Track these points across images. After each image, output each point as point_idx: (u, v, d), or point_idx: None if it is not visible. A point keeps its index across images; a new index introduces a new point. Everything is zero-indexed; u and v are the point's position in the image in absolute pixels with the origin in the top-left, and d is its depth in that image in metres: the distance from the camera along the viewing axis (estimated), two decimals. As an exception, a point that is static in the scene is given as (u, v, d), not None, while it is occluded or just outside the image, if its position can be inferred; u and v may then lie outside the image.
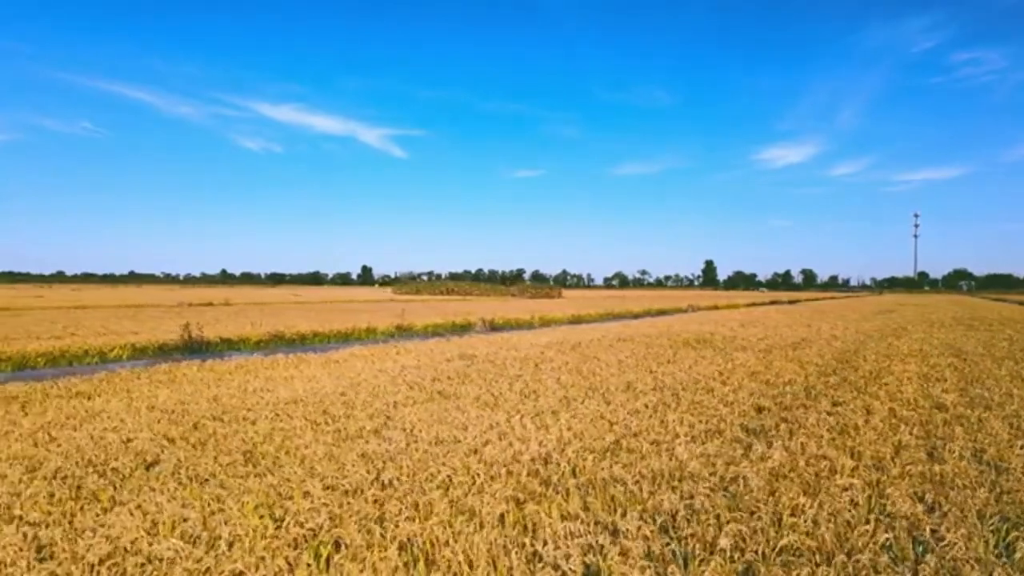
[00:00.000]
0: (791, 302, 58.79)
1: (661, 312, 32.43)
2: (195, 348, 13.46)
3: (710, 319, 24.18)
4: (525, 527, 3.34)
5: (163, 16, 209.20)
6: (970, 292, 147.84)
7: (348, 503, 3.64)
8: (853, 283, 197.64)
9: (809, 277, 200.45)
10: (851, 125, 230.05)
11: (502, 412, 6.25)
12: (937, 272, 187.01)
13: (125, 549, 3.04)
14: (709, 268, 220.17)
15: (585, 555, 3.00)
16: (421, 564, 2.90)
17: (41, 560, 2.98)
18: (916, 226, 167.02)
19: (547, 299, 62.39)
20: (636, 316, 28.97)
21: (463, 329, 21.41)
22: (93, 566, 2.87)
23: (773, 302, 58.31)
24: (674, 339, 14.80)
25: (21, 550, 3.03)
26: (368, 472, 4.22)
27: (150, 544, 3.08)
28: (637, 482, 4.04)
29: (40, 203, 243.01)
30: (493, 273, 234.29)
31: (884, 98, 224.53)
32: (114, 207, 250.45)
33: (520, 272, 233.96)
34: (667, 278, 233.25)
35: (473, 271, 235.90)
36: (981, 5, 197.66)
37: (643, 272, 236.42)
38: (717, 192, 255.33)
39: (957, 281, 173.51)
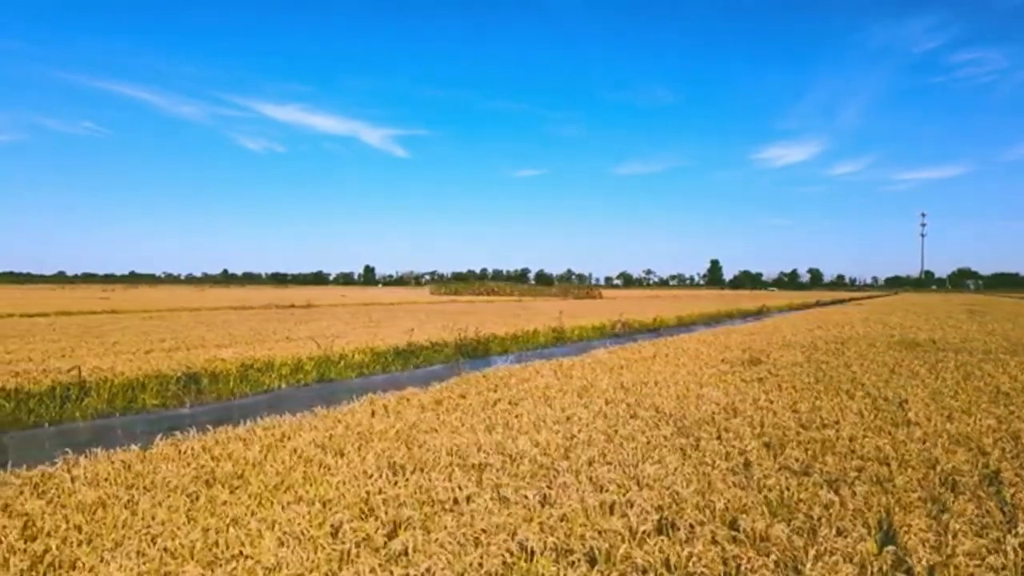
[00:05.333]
0: (838, 301, 59.31)
1: (760, 313, 32.78)
2: (470, 352, 13.64)
3: (834, 320, 24.35)
4: None
5: (165, 15, 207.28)
6: (978, 291, 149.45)
7: None
8: (858, 283, 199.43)
9: (816, 276, 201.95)
10: (853, 124, 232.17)
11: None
12: (940, 271, 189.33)
13: None
14: (714, 267, 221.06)
15: None
16: None
17: None
18: (923, 225, 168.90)
19: (589, 299, 62.59)
20: (744, 316, 29.23)
21: (602, 332, 21.52)
22: None
23: (818, 302, 58.71)
24: (887, 341, 15.03)
25: None
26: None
27: None
28: None
29: (41, 203, 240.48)
30: (498, 273, 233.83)
31: (886, 97, 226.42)
32: (115, 207, 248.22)
33: (525, 271, 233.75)
34: (672, 277, 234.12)
35: (477, 271, 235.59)
36: (984, 5, 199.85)
37: (648, 272, 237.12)
38: (719, 191, 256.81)
39: (963, 280, 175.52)
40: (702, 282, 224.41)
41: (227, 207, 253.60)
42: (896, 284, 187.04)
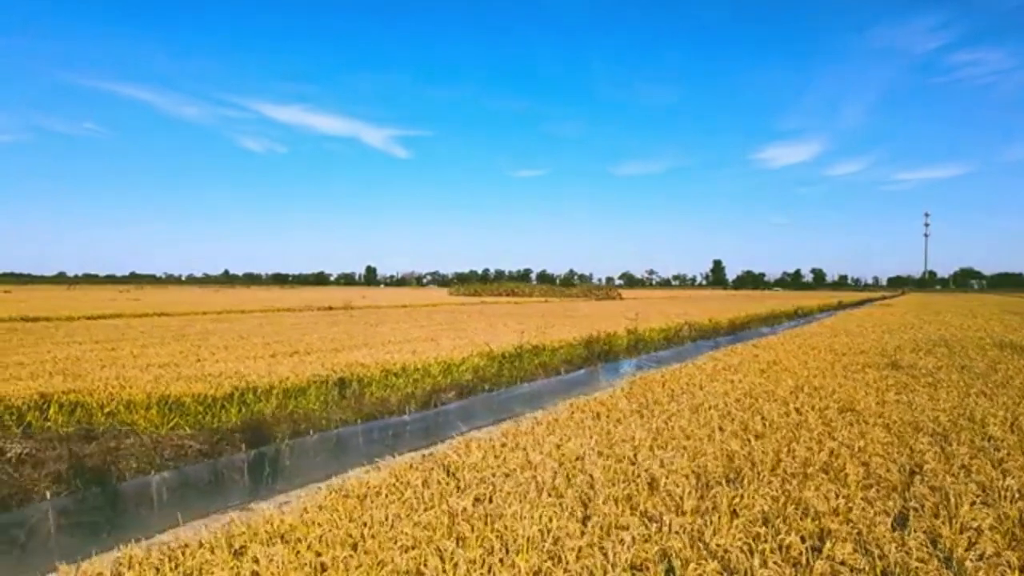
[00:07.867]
0: (861, 302, 59.48)
1: (800, 314, 32.81)
2: (601, 356, 13.72)
3: (890, 322, 24.34)
4: None
5: (167, 15, 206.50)
6: (982, 291, 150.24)
7: None
8: (861, 283, 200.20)
9: (819, 276, 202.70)
10: (854, 123, 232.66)
11: None
12: (941, 271, 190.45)
13: None
14: (717, 268, 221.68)
15: None
16: None
17: None
18: (927, 225, 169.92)
19: (609, 300, 62.60)
20: (792, 318, 29.23)
21: (668, 335, 21.42)
22: None
23: (840, 303, 58.69)
24: (984, 343, 15.03)
25: None
26: None
27: None
28: None
29: (42, 204, 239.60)
30: (499, 273, 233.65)
31: (888, 96, 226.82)
32: (115, 207, 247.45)
33: (527, 272, 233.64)
34: (675, 277, 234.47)
35: (479, 271, 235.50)
36: (986, 5, 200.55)
37: (651, 272, 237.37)
38: (720, 191, 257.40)
39: (967, 280, 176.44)
40: (704, 282, 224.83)
41: (228, 208, 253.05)
42: (899, 284, 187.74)
